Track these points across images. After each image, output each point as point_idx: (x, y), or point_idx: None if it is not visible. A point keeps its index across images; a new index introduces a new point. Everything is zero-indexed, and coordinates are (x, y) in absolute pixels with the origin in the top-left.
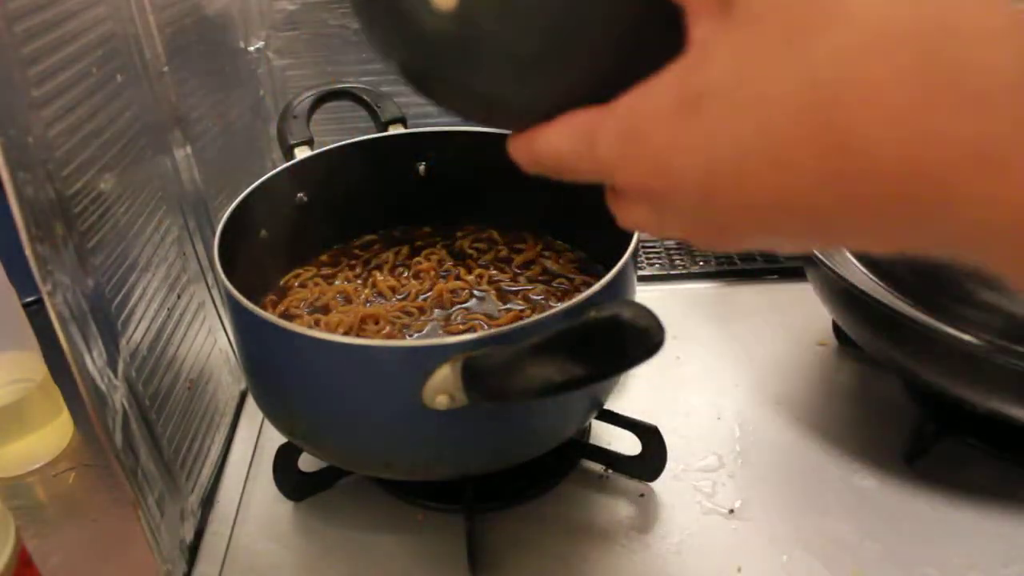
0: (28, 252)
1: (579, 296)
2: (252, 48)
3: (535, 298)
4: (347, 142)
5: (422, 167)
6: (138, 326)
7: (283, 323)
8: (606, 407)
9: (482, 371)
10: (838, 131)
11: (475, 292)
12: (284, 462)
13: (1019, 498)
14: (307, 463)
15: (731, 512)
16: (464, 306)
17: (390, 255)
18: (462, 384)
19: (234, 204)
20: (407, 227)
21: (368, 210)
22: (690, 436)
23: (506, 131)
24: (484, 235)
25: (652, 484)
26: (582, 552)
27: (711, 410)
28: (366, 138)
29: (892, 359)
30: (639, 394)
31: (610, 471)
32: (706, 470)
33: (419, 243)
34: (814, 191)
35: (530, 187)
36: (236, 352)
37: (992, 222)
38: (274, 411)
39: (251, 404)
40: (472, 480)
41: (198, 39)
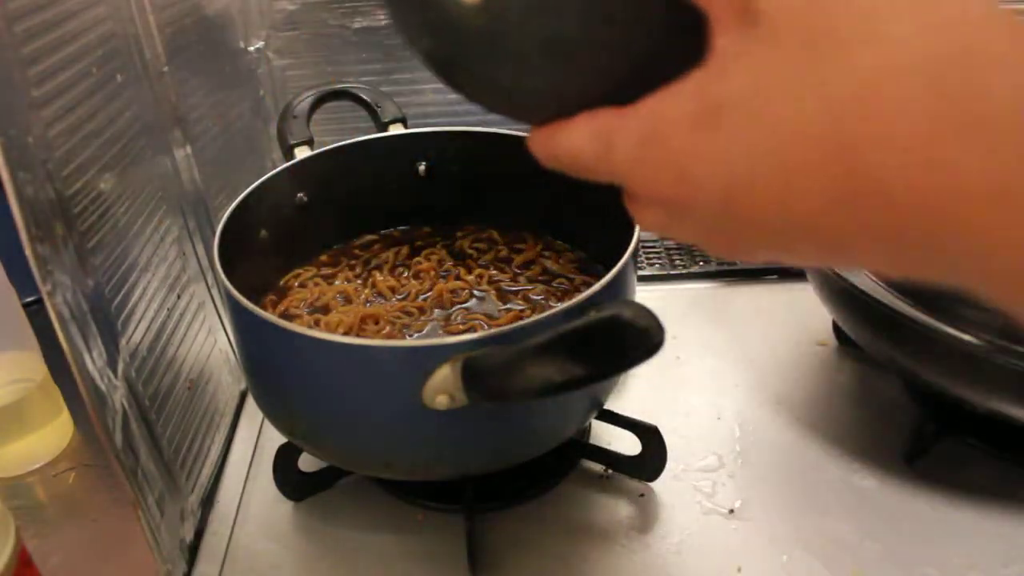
0: (28, 252)
1: (579, 296)
2: (252, 48)
3: (535, 298)
4: (347, 142)
5: (422, 167)
6: (138, 326)
7: (283, 323)
8: (606, 407)
9: (482, 371)
10: (849, 156)
11: (475, 292)
12: (284, 462)
13: (1019, 498)
14: (307, 463)
15: (731, 512)
16: (464, 306)
17: (390, 255)
18: (462, 384)
19: (234, 204)
20: (407, 227)
21: (368, 210)
22: (690, 436)
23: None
24: (484, 235)
25: (652, 484)
26: (582, 552)
27: (711, 410)
28: (366, 138)
29: (892, 359)
30: (639, 394)
31: (610, 471)
32: (706, 470)
33: (419, 243)
34: (824, 213)
35: (530, 187)
36: (236, 352)
37: (1000, 256)
38: (274, 411)
39: (251, 404)
40: (472, 480)
41: (198, 39)
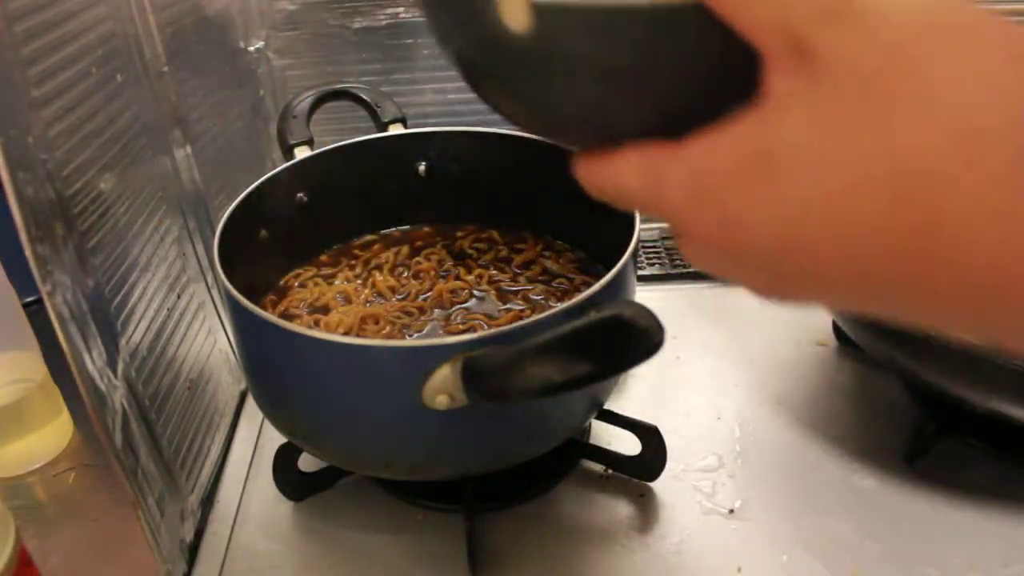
0: (28, 252)
1: (579, 296)
2: (252, 48)
3: (535, 298)
4: (347, 142)
5: (422, 167)
6: (138, 326)
7: (283, 323)
8: (606, 407)
9: (482, 371)
10: (913, 223)
11: (475, 292)
12: (284, 462)
13: (1019, 498)
14: (307, 463)
15: (731, 512)
16: (464, 306)
17: (390, 255)
18: (462, 384)
19: (234, 204)
20: (407, 227)
21: (368, 210)
22: (690, 436)
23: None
24: (484, 235)
25: (652, 484)
26: (582, 552)
27: (711, 410)
28: (366, 138)
29: (892, 359)
30: (639, 394)
31: (610, 471)
32: (706, 470)
33: (419, 243)
34: (881, 267)
35: (530, 187)
36: (236, 352)
37: None
38: (274, 411)
39: (251, 404)
40: (472, 480)
41: (198, 39)
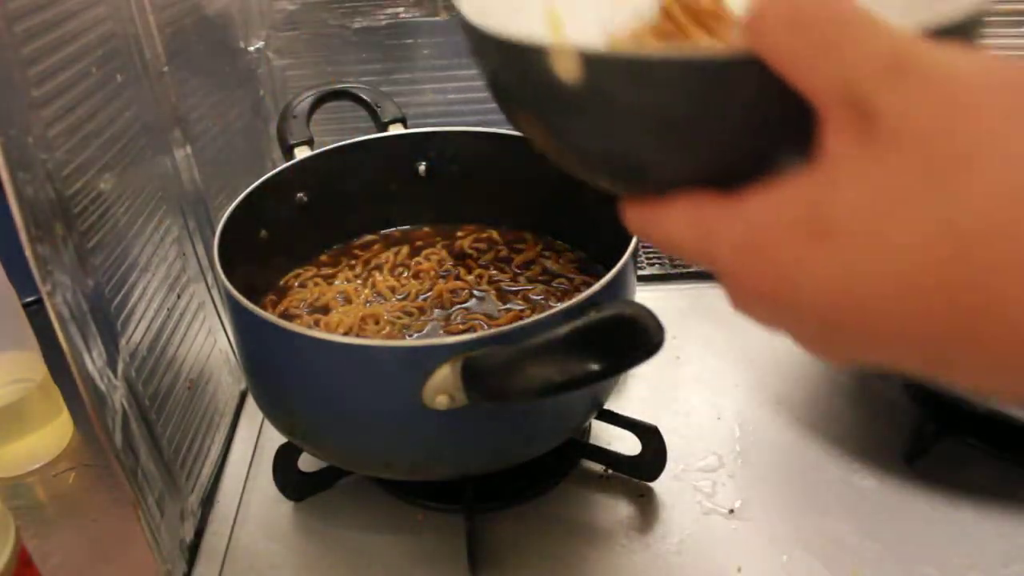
0: (28, 252)
1: (579, 296)
2: (252, 48)
3: (535, 298)
4: (347, 142)
5: (422, 167)
6: (138, 326)
7: (283, 323)
8: (606, 407)
9: (482, 371)
10: (978, 291)
11: (475, 292)
12: (284, 462)
13: (1019, 498)
14: (307, 463)
15: (731, 512)
16: (464, 306)
17: (390, 255)
18: (462, 384)
19: (234, 204)
20: (407, 227)
21: (368, 210)
22: (690, 436)
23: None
24: (484, 235)
25: (652, 484)
26: (582, 552)
27: (711, 410)
28: (366, 138)
29: None
30: (639, 394)
31: (610, 471)
32: (706, 470)
33: (419, 243)
34: (940, 339)
35: (530, 187)
36: (236, 352)
37: None
38: (274, 411)
39: (251, 404)
40: (472, 480)
41: (198, 39)
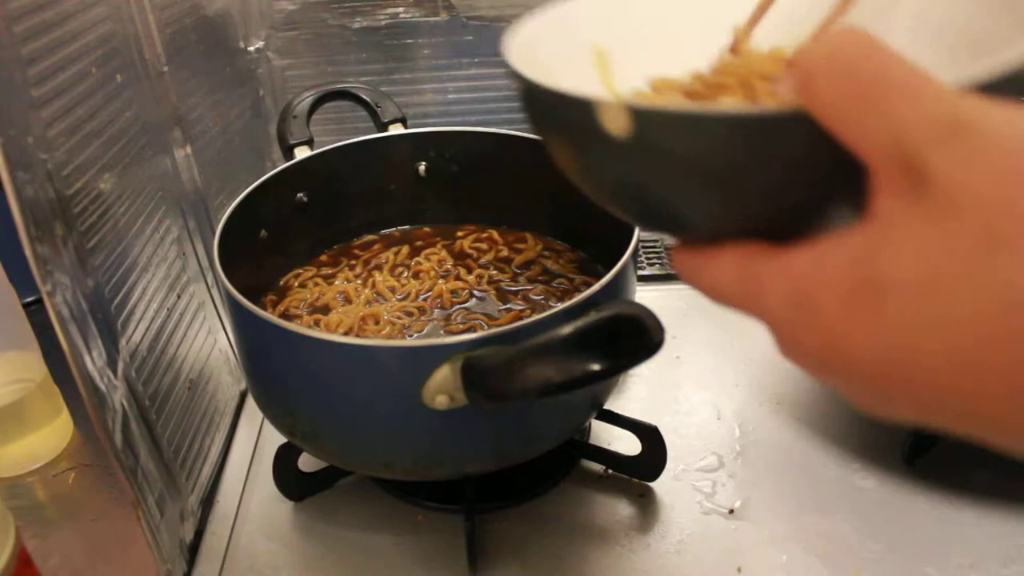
0: (28, 252)
1: (579, 296)
2: (252, 48)
3: (535, 298)
4: (347, 142)
5: (422, 167)
6: (138, 326)
7: (283, 323)
8: (606, 407)
9: (482, 371)
10: None
11: (475, 292)
12: (284, 462)
13: (1019, 498)
14: (307, 463)
15: (731, 512)
16: (464, 306)
17: (390, 255)
18: (462, 384)
19: (234, 204)
20: (407, 227)
21: (368, 210)
22: (690, 436)
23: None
24: (484, 235)
25: (652, 484)
26: (582, 552)
27: (711, 410)
28: (366, 138)
29: None
30: (639, 394)
31: (610, 471)
32: (706, 470)
33: (419, 243)
34: (989, 404)
35: (530, 187)
36: (236, 352)
37: None
38: (274, 411)
39: (251, 404)
40: (472, 480)
41: (198, 39)
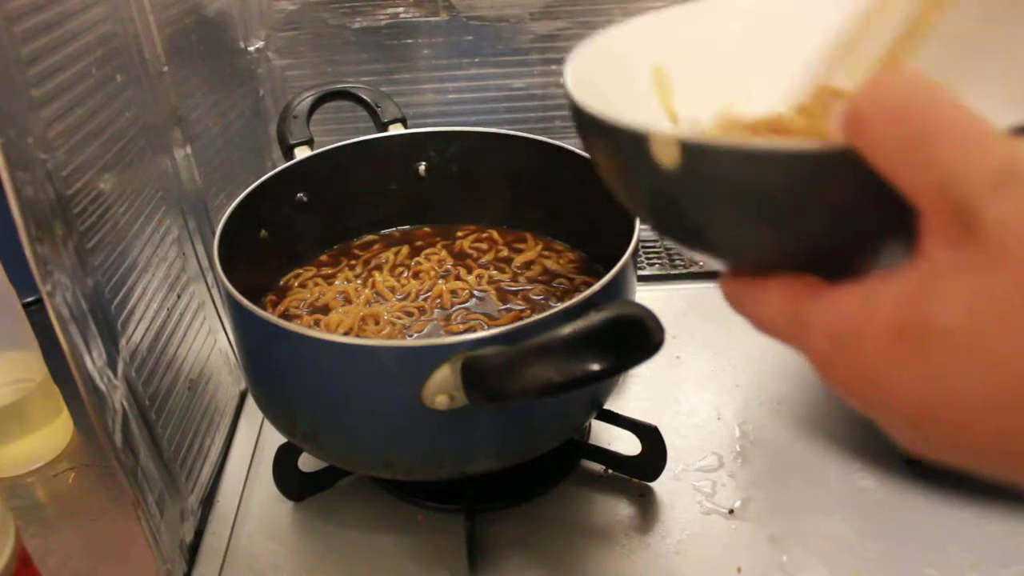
0: (28, 252)
1: (579, 296)
2: (252, 48)
3: (535, 298)
4: (347, 142)
5: (422, 167)
6: (138, 326)
7: (283, 323)
8: (606, 407)
9: (482, 371)
10: None
11: (475, 292)
12: (284, 462)
13: (1019, 498)
14: (307, 463)
15: (731, 512)
16: (464, 306)
17: (390, 255)
18: (462, 384)
19: (234, 204)
20: (407, 227)
21: (368, 210)
22: (690, 436)
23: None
24: (484, 235)
25: (652, 484)
26: (582, 552)
27: (711, 410)
28: (366, 138)
29: None
30: (639, 394)
31: (610, 471)
32: (706, 470)
33: (419, 243)
34: None
35: (530, 187)
36: (236, 352)
37: None
38: (274, 411)
39: (251, 404)
40: (472, 480)
41: (198, 39)
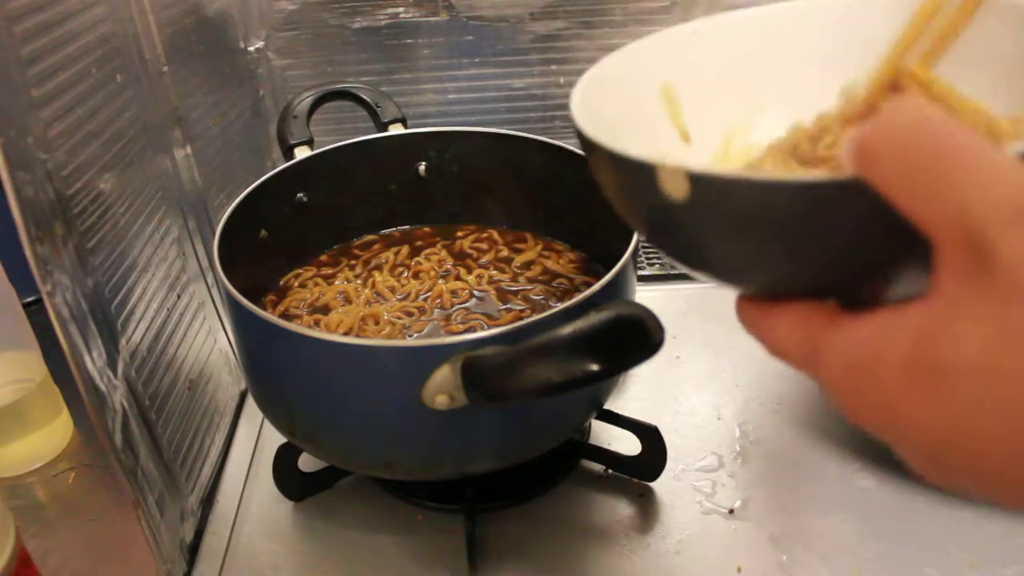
0: (28, 252)
1: (579, 296)
2: (252, 48)
3: (535, 298)
4: (347, 142)
5: (422, 167)
6: (138, 326)
7: (283, 323)
8: (606, 407)
9: (482, 371)
10: None
11: (475, 292)
12: (284, 462)
13: None
14: (307, 463)
15: (731, 512)
16: (464, 306)
17: (390, 255)
18: (462, 384)
19: (234, 204)
20: (407, 227)
21: (368, 210)
22: (690, 436)
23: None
24: (484, 235)
25: (652, 484)
26: (582, 552)
27: (711, 410)
28: (366, 138)
29: None
30: (639, 394)
31: (610, 471)
32: (706, 470)
33: (419, 243)
34: None
35: (530, 187)
36: (236, 352)
37: None
38: (274, 411)
39: (251, 404)
40: (472, 480)
41: (198, 39)
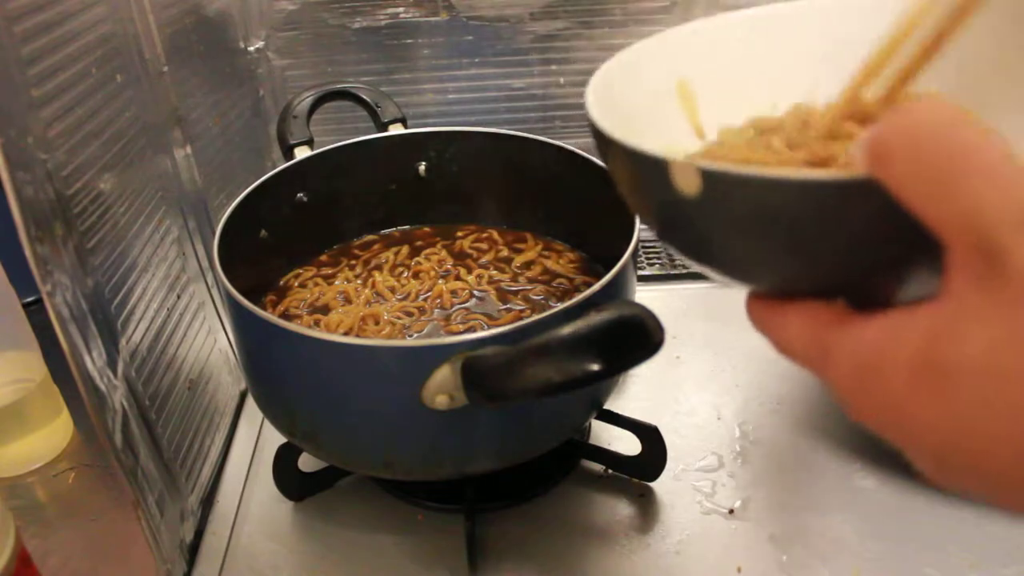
0: (28, 252)
1: (579, 296)
2: (252, 48)
3: (535, 298)
4: (347, 142)
5: (422, 167)
6: (138, 326)
7: (283, 323)
8: (606, 407)
9: (482, 371)
10: None
11: (475, 292)
12: (284, 462)
13: None
14: (307, 463)
15: (731, 512)
16: (464, 306)
17: (390, 255)
18: (462, 384)
19: (234, 204)
20: (407, 227)
21: (368, 210)
22: (690, 436)
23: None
24: (484, 235)
25: (652, 484)
26: (582, 552)
27: (711, 410)
28: (366, 138)
29: None
30: (639, 394)
31: (610, 471)
32: (706, 470)
33: (419, 243)
34: None
35: (530, 187)
36: (236, 352)
37: None
38: (274, 411)
39: (251, 404)
40: (472, 480)
41: (198, 39)
